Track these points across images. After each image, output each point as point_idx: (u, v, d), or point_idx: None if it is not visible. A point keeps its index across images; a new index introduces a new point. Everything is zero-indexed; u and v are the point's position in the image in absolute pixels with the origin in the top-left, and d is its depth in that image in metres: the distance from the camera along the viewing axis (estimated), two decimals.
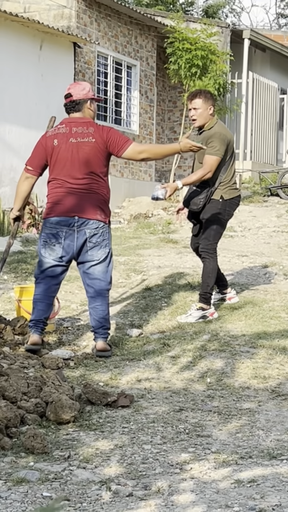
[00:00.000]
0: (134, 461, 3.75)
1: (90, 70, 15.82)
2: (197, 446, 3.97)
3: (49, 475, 3.55)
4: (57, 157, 5.78)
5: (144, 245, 10.56)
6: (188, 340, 6.06)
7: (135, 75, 17.45)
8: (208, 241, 6.74)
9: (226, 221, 6.86)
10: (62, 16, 15.43)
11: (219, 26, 19.29)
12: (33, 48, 14.26)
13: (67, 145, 5.76)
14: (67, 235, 5.77)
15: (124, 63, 17.06)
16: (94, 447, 3.94)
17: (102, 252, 5.84)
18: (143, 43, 17.54)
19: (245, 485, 3.41)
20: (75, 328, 6.66)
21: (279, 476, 3.48)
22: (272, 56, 21.20)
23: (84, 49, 15.57)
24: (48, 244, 5.82)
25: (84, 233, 5.77)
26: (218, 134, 6.58)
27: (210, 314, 6.73)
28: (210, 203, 6.70)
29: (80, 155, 5.74)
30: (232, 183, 6.79)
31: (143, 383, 5.10)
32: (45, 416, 4.34)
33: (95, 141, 5.75)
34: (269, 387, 5.01)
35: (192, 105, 6.69)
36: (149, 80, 17.90)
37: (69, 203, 5.76)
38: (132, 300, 7.44)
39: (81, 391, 4.70)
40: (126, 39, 17.01)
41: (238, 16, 39.77)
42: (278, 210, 13.88)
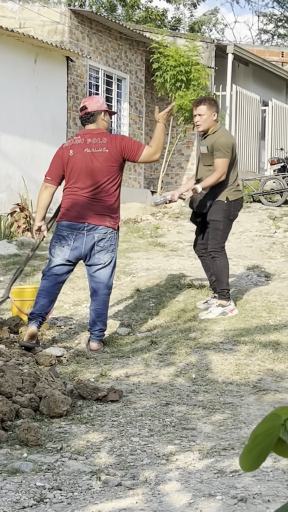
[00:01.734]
0: (123, 453, 3.76)
1: (82, 82, 15.81)
2: (183, 438, 3.98)
3: (42, 466, 3.56)
4: (73, 166, 5.83)
5: (133, 249, 10.56)
6: (174, 338, 6.06)
7: (125, 87, 17.45)
8: (217, 241, 6.73)
9: (231, 222, 6.83)
10: (55, 32, 15.43)
11: (204, 42, 19.32)
12: (28, 61, 14.25)
13: (82, 155, 5.80)
14: (76, 238, 5.82)
15: (115, 76, 17.06)
16: (85, 439, 3.94)
17: (108, 256, 5.88)
18: (132, 57, 17.55)
19: (228, 475, 3.42)
20: (68, 327, 6.66)
21: (260, 466, 3.49)
22: (255, 70, 21.25)
23: (77, 63, 15.57)
24: (58, 245, 5.87)
25: (92, 237, 5.82)
26: (224, 137, 6.62)
27: (230, 310, 6.71)
28: (216, 205, 6.68)
29: (94, 165, 5.78)
30: (236, 184, 6.79)
31: (131, 379, 5.10)
32: (38, 410, 4.34)
33: (108, 152, 5.79)
34: (250, 382, 5.02)
35: (197, 111, 6.69)
36: (138, 92, 17.91)
37: (80, 209, 5.81)
38: (122, 300, 7.45)
39: (73, 386, 4.70)
40: (116, 53, 17.01)
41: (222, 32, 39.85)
42: (260, 215, 13.89)
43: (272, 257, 10.48)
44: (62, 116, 15.04)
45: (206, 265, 6.99)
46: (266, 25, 39.95)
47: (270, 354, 5.61)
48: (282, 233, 12.61)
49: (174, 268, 8.90)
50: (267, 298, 7.23)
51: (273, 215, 14.09)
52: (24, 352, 5.60)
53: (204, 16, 36.15)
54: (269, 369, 5.32)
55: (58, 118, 14.87)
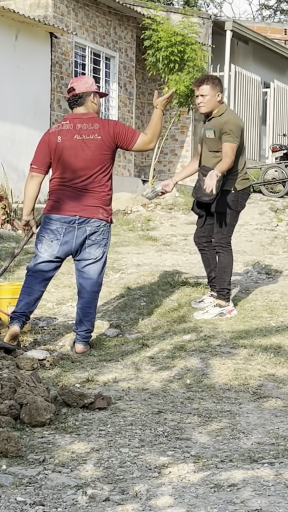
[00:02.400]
0: (111, 465, 3.75)
1: (67, 61, 15.80)
2: (176, 449, 3.98)
3: (23, 479, 3.55)
4: (61, 154, 5.80)
5: (122, 243, 10.56)
6: (167, 340, 6.07)
7: (113, 67, 17.44)
8: (222, 235, 6.69)
9: (238, 213, 6.78)
10: (38, 5, 15.40)
11: (200, 17, 19.33)
12: (8, 38, 14.21)
13: (72, 142, 5.78)
14: (66, 232, 5.81)
15: (103, 55, 17.05)
16: (70, 450, 3.93)
17: (99, 251, 5.89)
18: (122, 34, 17.54)
19: (225, 489, 3.42)
20: (51, 327, 6.65)
21: (260, 480, 3.50)
22: (255, 48, 21.27)
23: (61, 40, 15.55)
24: (46, 240, 5.85)
25: (84, 230, 5.81)
26: (233, 120, 6.54)
27: (228, 311, 6.71)
28: (222, 194, 6.60)
29: (86, 153, 5.77)
30: (244, 172, 6.73)
31: (121, 385, 5.10)
32: (19, 419, 4.33)
33: (100, 139, 5.78)
34: (250, 388, 5.04)
35: (199, 92, 6.58)
36: (128, 72, 17.91)
37: (71, 201, 5.80)
38: (110, 299, 7.45)
39: (57, 392, 4.69)
40: (104, 29, 17.00)
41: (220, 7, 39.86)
42: (261, 207, 13.93)
43: (273, 252, 10.50)
44: (45, 98, 15.00)
45: (206, 259, 6.95)
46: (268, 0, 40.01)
47: (272, 358, 5.62)
48: (284, 226, 12.66)
49: (167, 264, 8.91)
50: (268, 297, 7.25)
51: (275, 207, 14.14)
52: (3, 355, 5.59)
53: None
54: (270, 374, 5.33)
55: (41, 100, 14.84)
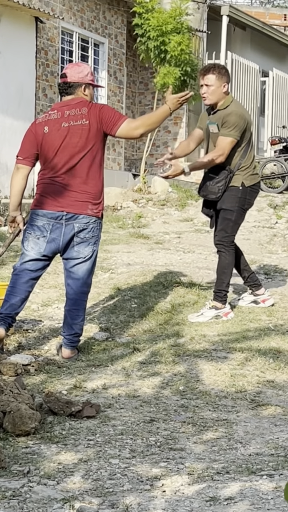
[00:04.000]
0: (100, 477, 3.76)
1: (54, 47, 15.79)
2: (170, 460, 3.98)
3: (6, 492, 3.55)
4: (48, 145, 5.80)
5: (112, 241, 10.58)
6: (160, 345, 6.08)
7: (103, 53, 17.44)
8: (226, 233, 6.69)
9: (245, 211, 6.78)
10: None
11: (195, 2, 19.34)
12: None
13: (59, 131, 5.77)
14: (53, 228, 5.80)
15: (91, 41, 17.04)
16: (56, 461, 3.93)
17: (89, 249, 5.87)
18: (111, 19, 17.54)
19: (222, 503, 3.43)
20: (36, 331, 6.65)
21: (258, 493, 3.51)
22: (253, 35, 21.31)
23: (47, 25, 15.53)
24: (32, 237, 5.85)
25: (72, 227, 5.80)
26: (235, 113, 6.51)
27: (225, 314, 6.72)
28: (229, 191, 6.60)
29: (73, 141, 5.75)
30: (253, 167, 6.71)
31: (110, 391, 5.11)
32: (2, 427, 4.33)
33: (88, 123, 5.75)
34: (248, 396, 5.04)
35: (204, 81, 6.56)
36: (118, 59, 17.91)
37: (58, 196, 5.79)
38: (99, 300, 7.46)
39: (43, 400, 4.70)
40: (93, 14, 17.00)
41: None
42: (259, 203, 13.94)
43: (272, 251, 10.53)
44: (30, 86, 14.99)
45: None
46: None
47: (270, 363, 5.64)
48: (284, 224, 12.70)
49: (160, 264, 8.92)
50: None
51: (274, 203, 14.17)
52: None
53: None
54: (269, 380, 5.35)
55: (26, 88, 14.83)
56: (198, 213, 12.39)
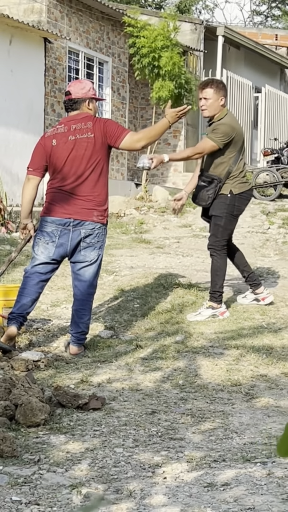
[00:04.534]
0: (105, 465, 3.75)
1: (61, 66, 15.79)
2: (170, 449, 3.98)
3: (18, 479, 3.55)
4: (56, 156, 5.80)
5: (116, 245, 10.56)
6: (160, 342, 6.07)
7: (107, 71, 17.45)
8: (216, 238, 6.70)
9: (235, 217, 6.76)
10: (32, 11, 15.40)
11: (193, 23, 19.35)
12: (2, 43, 14.20)
13: (66, 144, 5.77)
14: (61, 234, 5.80)
15: (96, 59, 17.05)
16: (64, 450, 3.93)
17: (94, 254, 5.87)
18: (115, 39, 17.55)
19: (219, 488, 3.42)
20: (46, 329, 6.65)
21: (253, 479, 3.50)
22: (247, 53, 21.31)
23: (55, 45, 15.55)
24: (42, 242, 5.86)
25: (79, 233, 5.80)
26: (226, 124, 6.50)
27: (221, 313, 6.71)
28: (219, 198, 6.61)
29: (79, 153, 5.76)
30: (242, 176, 6.70)
31: (114, 385, 5.10)
32: (14, 419, 4.32)
33: (93, 136, 5.76)
34: (242, 389, 5.04)
35: (203, 95, 6.58)
36: (121, 77, 17.92)
37: (65, 204, 5.80)
38: (104, 301, 7.44)
39: (52, 393, 4.69)
40: (98, 34, 17.00)
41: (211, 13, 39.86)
42: (253, 210, 13.93)
43: (265, 255, 10.52)
44: (39, 102, 15.01)
45: (234, 262, 7.04)
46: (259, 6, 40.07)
47: (264, 359, 5.63)
48: (276, 229, 12.67)
49: (160, 267, 8.91)
50: None
51: (266, 210, 14.15)
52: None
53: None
54: (263, 374, 5.34)
55: (35, 104, 14.84)
56: (196, 219, 12.39)
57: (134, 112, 19.67)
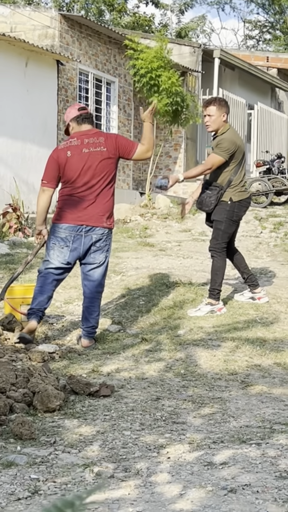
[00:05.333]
0: (115, 446, 3.76)
1: (72, 86, 15.81)
2: (173, 432, 3.99)
3: (36, 459, 3.56)
4: (70, 167, 5.80)
5: (123, 248, 10.57)
6: (163, 335, 6.08)
7: (114, 91, 17.46)
8: (217, 241, 6.74)
9: (234, 222, 6.79)
10: (46, 36, 15.42)
11: (191, 46, 19.35)
12: (19, 65, 14.23)
13: (80, 156, 5.79)
14: (75, 239, 5.82)
15: (104, 80, 17.06)
16: (77, 433, 3.94)
17: (103, 256, 5.90)
18: (121, 61, 17.56)
19: (217, 467, 3.43)
20: (60, 324, 6.66)
21: (248, 458, 3.51)
22: (241, 74, 21.30)
23: (67, 67, 15.56)
24: (57, 247, 5.86)
25: (90, 238, 5.83)
26: (228, 138, 6.56)
27: (218, 309, 6.72)
28: (220, 205, 6.65)
29: (92, 164, 5.78)
30: (241, 185, 6.74)
31: (122, 374, 5.11)
32: (32, 405, 4.34)
33: (106, 150, 5.80)
34: (238, 377, 5.05)
35: (207, 112, 6.65)
36: (127, 95, 17.92)
37: (78, 211, 5.80)
38: (112, 298, 7.45)
39: (66, 382, 4.70)
40: (105, 57, 17.02)
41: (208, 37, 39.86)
42: (246, 216, 13.86)
43: (258, 256, 10.51)
44: (53, 119, 15.03)
45: (234, 264, 7.06)
46: (252, 31, 40.05)
47: (257, 350, 5.64)
48: (268, 233, 12.67)
49: (163, 267, 8.91)
50: None
51: (259, 216, 14.14)
52: (17, 348, 5.60)
53: (191, 22, 36.19)
54: (256, 364, 5.35)
55: (49, 121, 14.86)
56: (195, 225, 12.41)
57: (139, 128, 19.65)
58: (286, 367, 5.33)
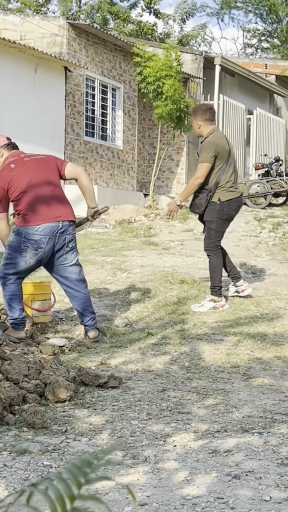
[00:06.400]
0: (123, 434, 3.78)
1: (79, 91, 15.83)
2: (179, 421, 4.00)
3: (48, 447, 3.58)
4: (19, 175, 5.57)
5: (128, 247, 10.59)
6: (168, 330, 6.10)
7: (119, 96, 17.47)
8: (210, 240, 6.76)
9: (225, 221, 6.78)
10: (54, 43, 15.44)
11: (193, 54, 19.36)
12: (28, 71, 14.25)
13: (25, 163, 5.64)
14: (49, 241, 5.52)
15: (110, 86, 17.08)
16: (87, 422, 3.96)
17: (74, 255, 5.71)
18: (126, 67, 17.58)
19: (221, 454, 3.45)
20: (69, 319, 6.68)
21: (251, 446, 3.53)
22: (240, 80, 21.31)
23: (74, 73, 15.58)
24: (29, 249, 5.53)
25: (64, 238, 5.58)
26: (208, 143, 6.58)
27: (221, 306, 6.73)
28: (210, 206, 6.68)
29: (39, 165, 5.65)
30: (229, 186, 6.71)
31: (130, 367, 5.12)
32: (44, 396, 4.36)
33: (45, 157, 5.75)
34: (240, 370, 5.06)
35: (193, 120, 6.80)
36: (131, 101, 17.93)
37: (48, 209, 5.55)
38: (118, 295, 7.47)
39: (76, 373, 4.72)
40: (111, 64, 17.03)
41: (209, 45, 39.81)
42: (246, 217, 13.94)
43: (258, 255, 10.52)
44: (61, 123, 15.05)
45: None
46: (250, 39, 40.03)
47: (258, 344, 5.65)
48: (266, 233, 12.68)
49: (167, 265, 8.93)
50: (254, 293, 7.27)
51: (258, 217, 14.15)
52: (29, 342, 5.62)
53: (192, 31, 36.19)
54: (257, 358, 5.36)
55: (57, 125, 14.88)
56: (197, 224, 12.41)
57: (143, 132, 19.68)
58: (286, 360, 5.35)
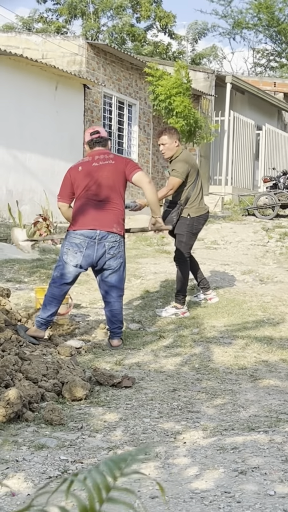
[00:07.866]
0: (136, 431, 3.79)
1: (97, 107, 15.89)
2: (188, 419, 4.01)
3: (65, 442, 3.60)
4: (81, 178, 5.68)
5: (142, 255, 10.60)
6: (179, 333, 6.10)
7: (135, 112, 17.52)
8: (179, 252, 6.82)
9: (194, 234, 6.86)
10: (74, 62, 15.52)
11: (205, 72, 19.39)
12: (49, 88, 14.33)
13: (90, 168, 5.67)
14: (89, 246, 5.58)
15: (126, 102, 17.13)
16: (102, 419, 3.97)
17: (117, 262, 5.68)
18: (142, 85, 17.63)
19: (229, 451, 3.45)
20: (85, 322, 6.68)
21: (257, 444, 3.53)
22: (250, 97, 21.31)
23: (93, 90, 15.65)
24: (71, 252, 5.61)
25: (103, 245, 5.60)
26: (180, 161, 6.63)
27: (182, 313, 6.73)
28: (180, 220, 6.74)
29: (102, 174, 5.63)
30: (198, 202, 6.74)
31: (142, 368, 5.13)
32: (61, 394, 4.38)
33: (114, 163, 5.66)
34: (247, 372, 5.06)
35: (160, 141, 6.77)
36: (146, 117, 17.98)
37: (91, 218, 5.61)
38: (132, 300, 7.48)
39: (91, 374, 4.74)
40: (127, 82, 17.09)
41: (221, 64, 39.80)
42: (254, 227, 13.92)
43: (265, 263, 10.50)
44: (79, 137, 15.11)
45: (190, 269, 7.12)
46: (260, 59, 40.03)
47: (265, 347, 5.65)
48: (274, 242, 12.64)
49: None
50: (261, 299, 7.27)
51: (266, 227, 14.12)
52: (47, 343, 5.63)
53: (204, 50, 36.24)
54: (264, 360, 5.36)
55: (76, 139, 14.94)
56: (208, 234, 12.40)
57: (157, 146, 19.66)
58: None
